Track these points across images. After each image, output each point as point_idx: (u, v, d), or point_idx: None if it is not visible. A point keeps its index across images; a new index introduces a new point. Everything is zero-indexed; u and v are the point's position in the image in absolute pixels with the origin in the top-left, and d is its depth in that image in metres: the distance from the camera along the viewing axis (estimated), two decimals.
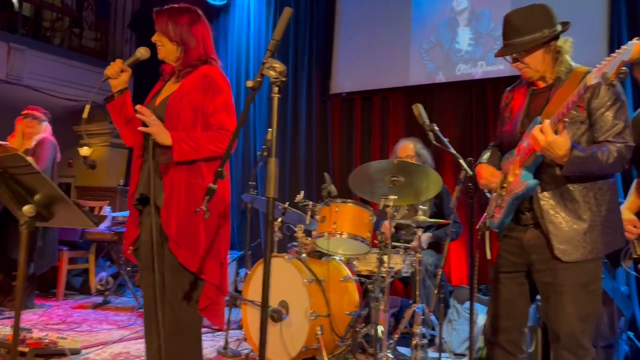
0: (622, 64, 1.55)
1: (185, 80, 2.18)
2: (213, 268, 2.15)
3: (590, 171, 1.87)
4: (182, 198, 2.09)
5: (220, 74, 2.20)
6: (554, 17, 1.99)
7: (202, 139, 2.08)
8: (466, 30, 4.80)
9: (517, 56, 2.00)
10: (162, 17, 2.19)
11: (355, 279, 3.45)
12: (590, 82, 1.66)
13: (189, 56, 2.19)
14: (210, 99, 2.13)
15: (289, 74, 5.82)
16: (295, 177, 5.71)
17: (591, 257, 1.90)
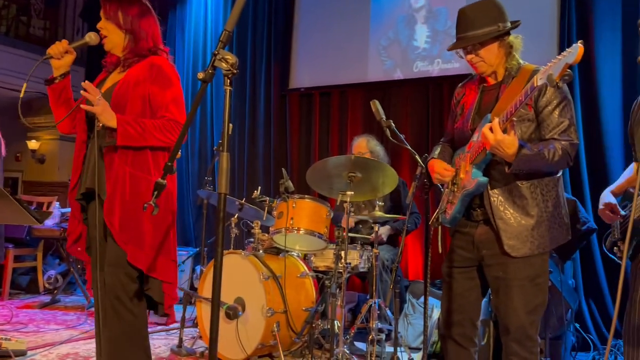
0: (567, 66, 1.59)
1: (131, 70, 2.11)
2: (166, 266, 2.09)
3: (537, 168, 1.91)
4: (127, 191, 2.01)
5: (170, 64, 2.14)
6: (505, 12, 2.03)
7: (150, 126, 2.01)
8: (424, 28, 4.85)
9: (473, 49, 2.02)
10: (111, 5, 2.12)
11: (312, 275, 3.45)
12: (537, 83, 1.69)
13: (139, 46, 2.12)
14: (159, 89, 2.07)
15: (247, 69, 5.75)
16: (253, 173, 5.65)
17: (538, 251, 1.94)
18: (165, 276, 2.08)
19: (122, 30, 2.12)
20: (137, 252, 2.01)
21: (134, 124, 1.99)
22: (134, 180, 2.03)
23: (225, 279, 3.28)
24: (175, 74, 2.13)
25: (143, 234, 2.03)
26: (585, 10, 4.16)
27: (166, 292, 2.07)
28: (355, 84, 5.15)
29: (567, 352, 3.34)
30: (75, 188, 2.13)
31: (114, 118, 1.96)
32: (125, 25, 2.11)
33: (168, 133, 2.03)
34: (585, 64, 4.11)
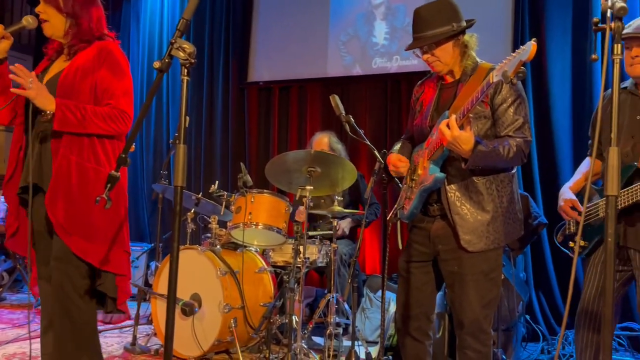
0: (521, 63, 1.62)
1: (78, 57, 2.01)
2: (119, 258, 2.01)
3: (493, 164, 1.96)
4: (73, 182, 1.93)
5: (119, 50, 2.05)
6: (459, 12, 2.07)
7: (91, 112, 1.92)
8: (382, 24, 4.88)
9: (428, 49, 2.04)
10: None
11: (270, 270, 3.43)
12: (493, 80, 1.73)
13: (82, 30, 2.02)
14: (107, 75, 1.99)
15: (205, 61, 5.64)
16: (210, 167, 5.56)
17: (493, 246, 1.99)
18: (118, 269, 2.01)
19: (62, 14, 2.02)
20: (86, 245, 1.92)
21: (74, 109, 1.89)
22: (80, 170, 1.95)
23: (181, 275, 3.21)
24: (126, 61, 2.05)
25: (93, 226, 1.95)
26: (537, 13, 4.29)
27: (120, 286, 2.00)
28: (315, 79, 5.14)
29: (518, 343, 3.45)
30: (12, 180, 2.02)
31: (52, 102, 1.87)
32: (66, 8, 2.01)
33: (111, 122, 1.94)
34: (537, 64, 4.24)
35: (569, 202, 2.25)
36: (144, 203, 5.72)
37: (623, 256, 2.10)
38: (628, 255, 2.08)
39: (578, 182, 2.33)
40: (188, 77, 1.33)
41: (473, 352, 2.02)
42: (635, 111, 2.11)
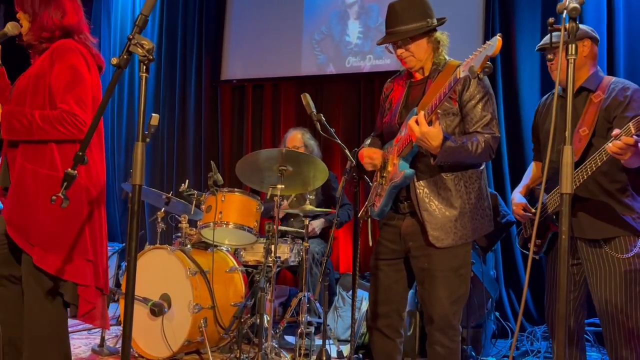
0: (487, 58, 1.64)
1: (39, 59, 1.98)
2: (80, 267, 1.94)
3: (461, 160, 1.97)
4: (29, 189, 1.90)
5: (74, 48, 1.97)
6: (431, 9, 2.08)
7: (38, 118, 1.88)
8: (356, 23, 4.89)
9: (403, 44, 2.05)
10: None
11: (241, 270, 3.40)
12: (460, 75, 1.74)
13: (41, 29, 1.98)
14: (58, 76, 1.93)
15: (177, 59, 5.57)
16: (182, 166, 5.49)
17: (461, 242, 2.00)
18: (79, 278, 1.94)
19: (26, 15, 1.99)
20: (44, 253, 1.88)
21: (19, 117, 1.87)
22: (36, 177, 1.91)
23: (150, 275, 3.20)
24: (80, 61, 1.96)
25: (50, 234, 1.90)
26: (507, 14, 4.35)
27: (82, 296, 1.93)
28: (289, 77, 5.12)
29: (488, 340, 3.50)
30: None
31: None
32: (26, 8, 1.98)
33: (61, 126, 1.88)
34: (507, 64, 4.30)
35: (520, 205, 2.30)
36: (115, 203, 5.62)
37: (572, 250, 2.15)
38: (576, 247, 2.13)
39: (526, 187, 2.38)
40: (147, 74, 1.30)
41: (441, 348, 2.03)
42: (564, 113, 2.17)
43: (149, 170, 5.61)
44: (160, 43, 5.65)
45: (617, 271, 2.03)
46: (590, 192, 2.06)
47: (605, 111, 2.04)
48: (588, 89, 2.12)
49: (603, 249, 2.06)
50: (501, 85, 4.30)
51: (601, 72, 2.18)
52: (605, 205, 2.05)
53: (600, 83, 2.11)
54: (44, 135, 1.89)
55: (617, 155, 1.83)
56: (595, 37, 2.17)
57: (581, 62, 2.13)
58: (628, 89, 2.06)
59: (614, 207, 2.04)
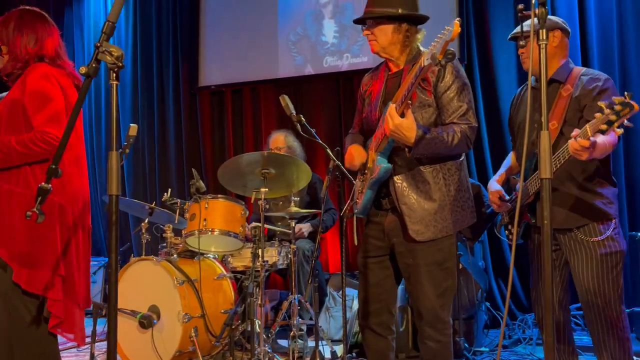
0: (447, 44, 1.64)
1: (13, 86, 2.04)
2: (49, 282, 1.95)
3: (438, 152, 1.95)
4: (3, 208, 1.95)
5: (45, 76, 2.01)
6: (416, 4, 2.06)
7: (14, 143, 1.93)
8: (331, 23, 4.89)
9: (369, 26, 2.05)
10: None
11: (229, 276, 3.37)
12: (424, 64, 1.73)
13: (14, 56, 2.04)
14: (29, 101, 1.97)
15: (154, 67, 5.52)
16: (165, 176, 5.44)
17: (442, 235, 1.99)
18: (47, 292, 1.95)
19: (3, 46, 2.07)
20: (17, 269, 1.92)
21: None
22: (10, 196, 1.95)
23: (137, 287, 3.16)
24: (49, 81, 2.00)
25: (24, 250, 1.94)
26: (481, 7, 4.38)
27: (51, 311, 1.95)
28: (267, 80, 5.10)
29: (480, 330, 3.51)
30: None
31: None
32: (2, 39, 2.06)
33: (34, 146, 1.91)
34: (484, 55, 4.33)
35: (495, 193, 2.31)
36: (98, 216, 5.55)
37: None
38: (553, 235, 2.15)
39: (502, 176, 2.40)
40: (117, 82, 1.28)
41: (433, 342, 2.02)
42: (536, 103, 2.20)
43: (131, 181, 5.55)
44: (135, 52, 5.59)
45: (593, 255, 2.06)
46: (560, 182, 2.08)
47: (575, 101, 2.07)
48: (558, 81, 2.14)
49: (577, 235, 2.09)
50: (478, 76, 4.33)
51: (571, 64, 2.19)
52: (575, 195, 2.07)
53: (570, 74, 2.13)
54: (24, 159, 1.93)
55: (576, 155, 1.87)
56: (566, 28, 2.19)
57: (551, 53, 2.15)
58: (599, 80, 2.08)
59: (584, 195, 2.07)
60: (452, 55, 1.65)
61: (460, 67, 2.03)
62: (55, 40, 2.09)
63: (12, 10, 2.11)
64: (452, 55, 1.65)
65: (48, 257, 1.95)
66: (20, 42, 2.02)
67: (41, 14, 2.13)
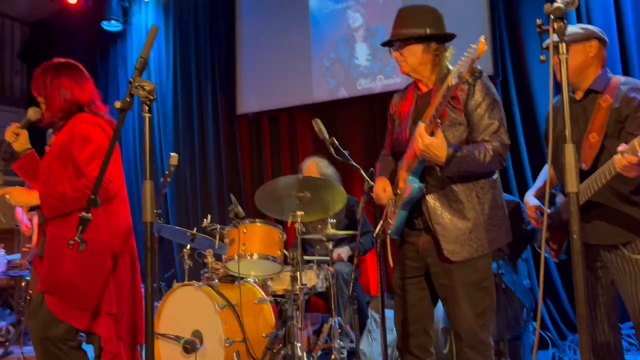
0: (473, 62, 1.63)
1: (59, 134, 2.19)
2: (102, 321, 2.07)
3: (470, 170, 1.93)
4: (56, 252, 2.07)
5: (89, 123, 2.16)
6: (442, 23, 2.08)
7: (69, 190, 2.06)
8: (363, 46, 4.94)
9: (398, 47, 2.07)
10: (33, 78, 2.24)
11: (270, 300, 3.39)
12: (451, 83, 1.73)
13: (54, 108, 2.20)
14: (77, 149, 2.11)
15: (193, 99, 5.71)
16: (206, 202, 5.57)
17: (477, 254, 1.95)
18: (103, 333, 2.07)
19: (42, 98, 2.22)
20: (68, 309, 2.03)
21: (54, 195, 2.06)
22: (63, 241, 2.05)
23: (180, 313, 3.22)
24: (94, 129, 2.14)
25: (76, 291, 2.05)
26: (513, 21, 4.33)
27: (104, 347, 2.06)
28: (302, 106, 5.18)
29: (528, 351, 3.39)
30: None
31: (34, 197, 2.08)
32: (40, 92, 2.21)
33: (87, 190, 2.02)
34: (519, 70, 4.28)
35: (533, 208, 2.26)
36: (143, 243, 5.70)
37: (594, 254, 2.09)
38: (598, 252, 2.08)
39: (540, 189, 2.34)
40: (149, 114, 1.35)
41: None
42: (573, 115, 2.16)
43: (175, 208, 5.71)
44: (176, 85, 5.81)
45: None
46: (604, 197, 2.01)
47: (616, 112, 2.00)
48: (595, 91, 2.09)
49: (623, 252, 2.01)
50: (514, 91, 4.26)
51: (609, 73, 2.14)
52: (619, 210, 2.00)
53: (608, 84, 2.07)
54: (79, 203, 2.04)
55: (624, 172, 1.80)
56: (603, 38, 2.14)
57: (588, 63, 2.11)
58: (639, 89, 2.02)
59: (629, 209, 1.99)
60: (479, 73, 1.65)
61: (490, 84, 2.02)
62: (90, 88, 2.24)
63: (48, 63, 2.25)
64: (479, 74, 1.65)
65: (102, 296, 2.05)
66: (58, 93, 2.17)
67: (75, 65, 2.28)
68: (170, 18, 5.96)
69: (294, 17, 5.26)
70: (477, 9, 4.38)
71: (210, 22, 5.72)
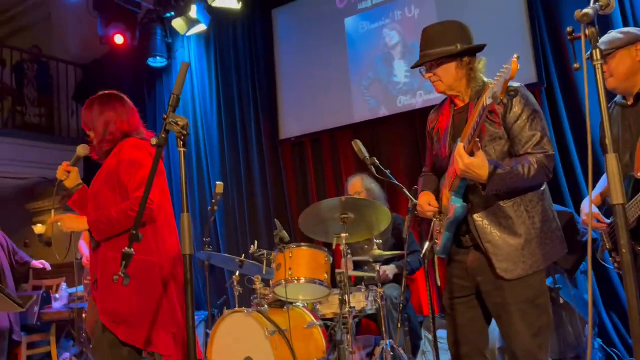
0: (506, 82, 1.59)
1: (106, 161, 2.27)
2: (163, 339, 2.10)
3: (514, 186, 1.87)
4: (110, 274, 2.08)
5: (135, 146, 2.23)
6: (469, 35, 2.03)
7: (114, 213, 2.12)
8: (401, 63, 4.93)
9: (430, 67, 2.02)
10: (82, 113, 2.36)
11: (319, 324, 3.37)
12: (486, 103, 1.69)
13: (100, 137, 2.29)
14: (126, 174, 2.17)
15: (237, 126, 5.83)
16: (254, 227, 5.64)
17: (532, 271, 1.88)
18: (162, 349, 2.10)
19: (91, 130, 2.33)
20: (128, 330, 2.07)
21: (101, 219, 2.12)
22: (116, 262, 2.09)
23: (231, 339, 3.24)
24: (140, 152, 2.21)
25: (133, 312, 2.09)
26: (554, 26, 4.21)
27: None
28: (343, 126, 5.19)
29: None
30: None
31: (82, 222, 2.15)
32: (89, 126, 2.32)
33: (133, 212, 2.08)
34: (564, 77, 4.14)
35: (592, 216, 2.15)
36: (196, 271, 5.82)
37: None
38: None
39: (598, 197, 2.25)
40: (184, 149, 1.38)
41: None
42: (625, 121, 2.05)
43: (224, 235, 5.81)
44: (220, 115, 5.97)
45: None
46: None
47: None
48: None
49: None
50: (561, 98, 4.12)
51: None
52: None
53: None
54: (125, 225, 2.10)
55: None
56: None
57: (636, 67, 2.02)
58: None
59: None
60: (514, 92, 1.62)
61: (528, 94, 1.96)
62: (135, 116, 2.32)
63: (93, 97, 2.36)
64: (514, 92, 1.62)
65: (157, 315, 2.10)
66: (104, 123, 2.26)
67: (118, 95, 2.36)
68: (211, 50, 6.15)
69: (330, 40, 5.32)
70: (517, 16, 4.28)
71: (250, 51, 5.86)
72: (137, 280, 2.05)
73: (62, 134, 7.41)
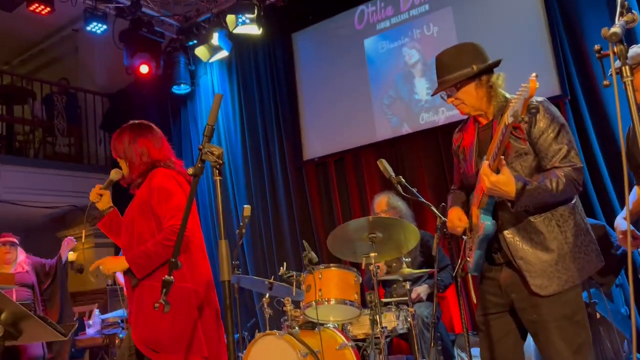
0: (526, 101, 1.60)
1: (138, 191, 2.32)
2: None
3: (544, 201, 1.86)
4: (147, 302, 2.14)
5: (165, 176, 2.27)
6: (483, 53, 2.04)
7: (151, 248, 2.15)
8: (422, 81, 4.95)
9: (450, 92, 2.04)
10: (112, 142, 2.40)
11: (351, 345, 3.35)
12: (508, 122, 1.69)
13: (133, 167, 2.34)
14: (159, 204, 2.21)
15: (262, 149, 5.90)
16: (281, 249, 5.66)
17: (568, 286, 1.86)
18: None
19: (122, 160, 2.38)
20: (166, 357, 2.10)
21: (140, 255, 2.16)
22: (152, 290, 2.15)
23: None
24: (170, 181, 2.26)
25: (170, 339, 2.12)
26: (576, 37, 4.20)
27: None
28: (366, 145, 5.22)
29: None
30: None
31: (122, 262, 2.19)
32: (120, 154, 2.37)
33: (168, 242, 2.12)
34: (588, 89, 4.11)
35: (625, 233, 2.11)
36: None
37: None
38: None
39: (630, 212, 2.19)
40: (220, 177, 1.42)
41: None
42: None
43: (252, 258, 5.84)
44: (244, 139, 6.06)
45: None
46: None
47: None
48: None
49: None
50: (587, 111, 4.09)
51: None
52: None
53: None
54: (164, 257, 2.14)
55: None
56: None
57: None
58: None
59: None
60: (535, 109, 1.62)
61: (553, 108, 1.96)
62: (165, 144, 2.38)
63: (124, 126, 2.42)
64: (535, 110, 1.62)
65: (193, 341, 2.12)
66: (136, 153, 2.32)
67: (148, 124, 2.43)
68: (233, 75, 6.28)
69: (350, 61, 5.39)
70: (537, 30, 4.28)
71: (271, 75, 5.96)
72: (174, 307, 2.06)
73: (90, 162, 7.60)
